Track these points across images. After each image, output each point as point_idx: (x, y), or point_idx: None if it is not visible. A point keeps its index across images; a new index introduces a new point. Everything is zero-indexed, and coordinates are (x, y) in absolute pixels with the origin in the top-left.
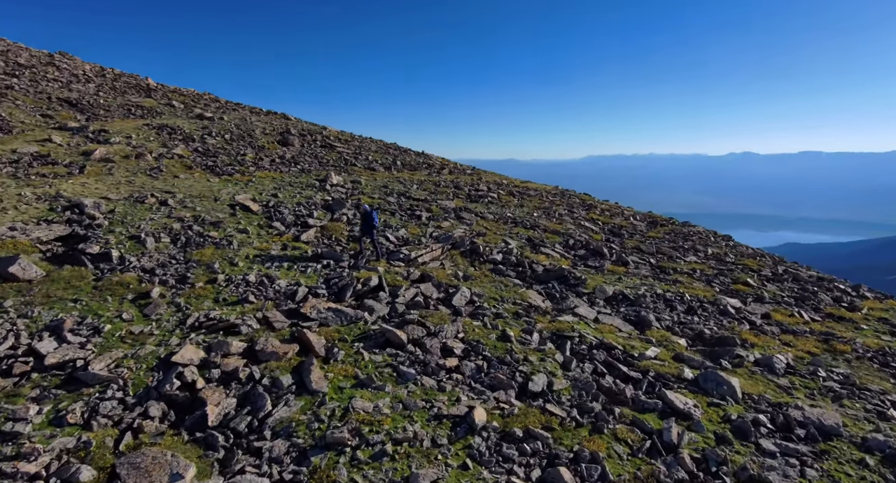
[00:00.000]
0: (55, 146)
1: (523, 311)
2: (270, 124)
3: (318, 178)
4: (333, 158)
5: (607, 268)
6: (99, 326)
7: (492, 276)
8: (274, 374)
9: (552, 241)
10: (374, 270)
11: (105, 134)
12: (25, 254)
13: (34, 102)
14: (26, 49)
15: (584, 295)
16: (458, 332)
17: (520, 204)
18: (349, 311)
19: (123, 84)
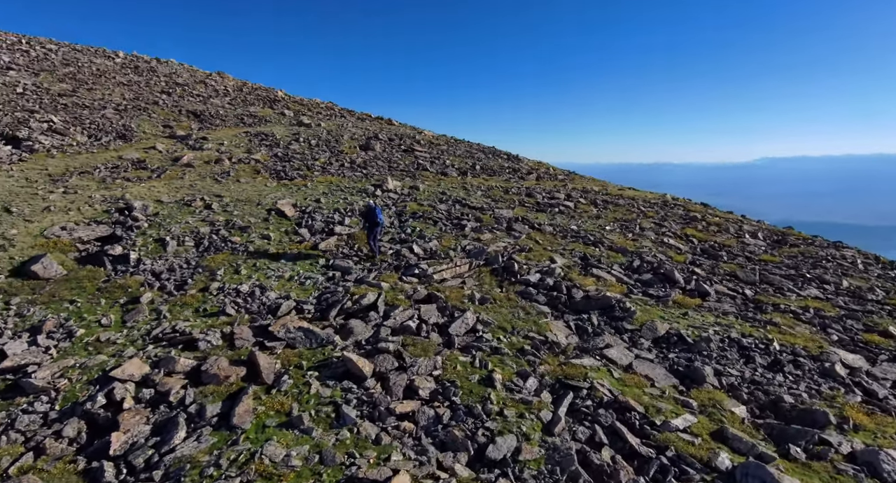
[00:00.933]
0: (155, 153)
1: (532, 348)
2: (365, 129)
3: (373, 184)
4: (406, 163)
5: (674, 298)
6: (73, 330)
7: (516, 300)
8: (204, 400)
9: (612, 261)
10: (377, 286)
11: (203, 141)
12: (62, 252)
13: (166, 115)
14: (189, 69)
15: (626, 332)
16: (434, 367)
17: (597, 215)
18: (321, 333)
19: (254, 96)
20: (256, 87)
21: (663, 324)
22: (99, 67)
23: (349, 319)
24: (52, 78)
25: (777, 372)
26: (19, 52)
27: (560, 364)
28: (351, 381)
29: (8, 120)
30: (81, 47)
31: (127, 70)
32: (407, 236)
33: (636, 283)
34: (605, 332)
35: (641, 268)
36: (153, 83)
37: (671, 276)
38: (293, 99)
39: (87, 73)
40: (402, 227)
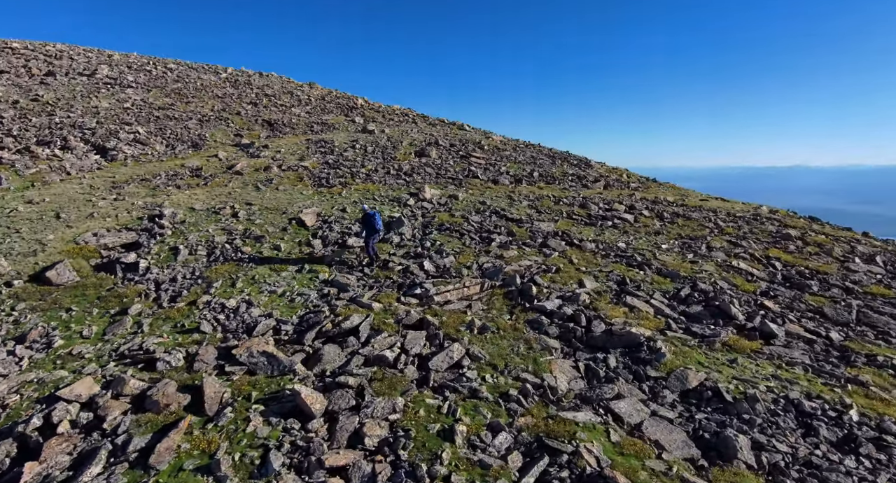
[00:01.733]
0: (215, 161)
1: (519, 393)
2: (429, 135)
3: (410, 192)
4: (457, 170)
5: (725, 339)
6: (53, 341)
7: (523, 330)
8: (136, 431)
9: (655, 288)
10: (367, 307)
11: (264, 149)
12: (84, 259)
13: (243, 124)
14: (284, 81)
15: (647, 379)
16: (393, 410)
17: (658, 230)
18: (284, 360)
19: (333, 104)
20: (338, 96)
21: (698, 372)
22: (203, 82)
23: (326, 344)
24: (160, 93)
25: (849, 453)
26: (143, 72)
27: (547, 417)
28: (297, 419)
29: (102, 132)
30: (196, 65)
31: (226, 84)
32: (424, 250)
33: (679, 316)
34: (619, 377)
35: (691, 298)
36: (244, 95)
37: (727, 309)
38: (371, 106)
39: (191, 88)
40: (423, 241)
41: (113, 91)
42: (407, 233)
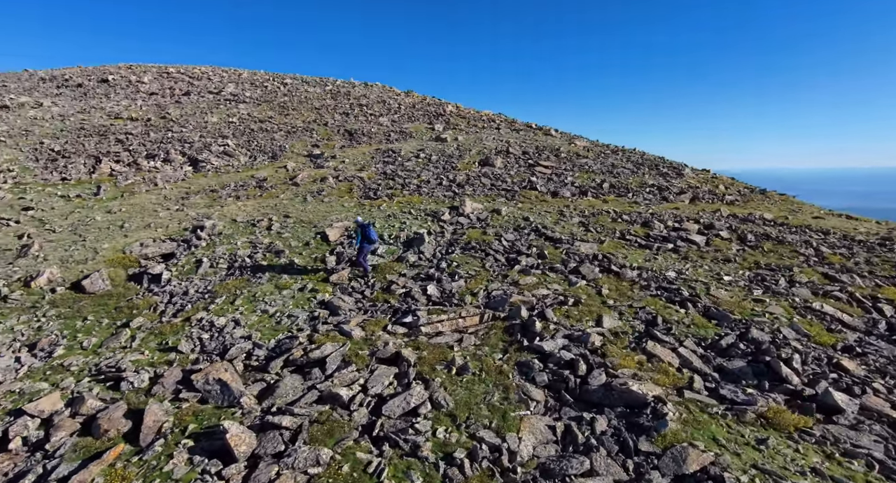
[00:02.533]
0: (283, 171)
1: (466, 457)
2: (504, 142)
3: (451, 205)
4: (517, 181)
5: (764, 408)
6: (55, 350)
7: (508, 374)
8: (68, 456)
9: (691, 332)
10: (346, 334)
11: (331, 159)
12: (124, 268)
13: (325, 134)
14: (385, 90)
15: (638, 455)
16: (316, 462)
17: (732, 256)
18: (235, 390)
19: (421, 112)
20: (429, 103)
21: (704, 453)
22: (308, 95)
23: (293, 373)
24: (266, 107)
25: None
26: (261, 88)
27: None
28: (220, 460)
29: (199, 145)
30: (310, 79)
31: (327, 96)
32: (438, 272)
33: (712, 372)
34: (602, 447)
35: (734, 348)
36: (339, 106)
37: (777, 368)
38: (460, 112)
39: (295, 101)
40: (440, 261)
41: (228, 107)
42: (427, 251)
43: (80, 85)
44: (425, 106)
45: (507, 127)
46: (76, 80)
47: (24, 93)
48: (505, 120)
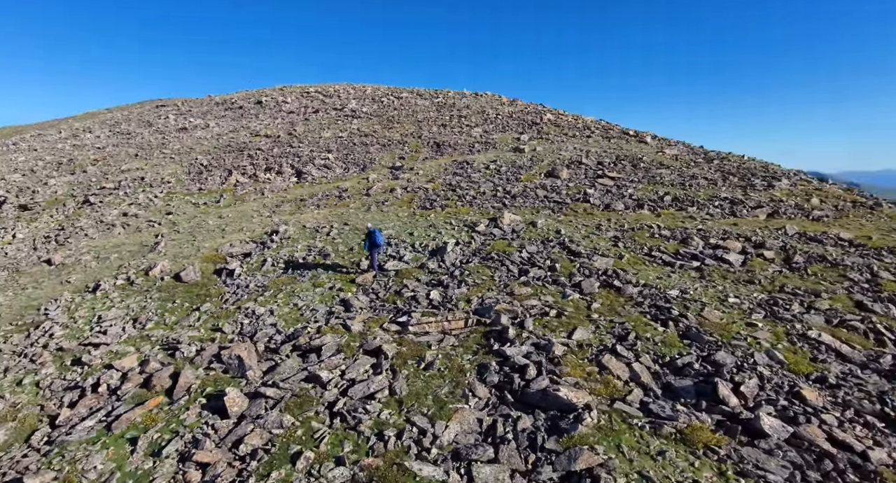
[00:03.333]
0: (364, 183)
1: (395, 437)
2: (584, 152)
3: (490, 217)
4: (572, 193)
5: (683, 425)
6: (146, 324)
7: (465, 373)
8: (126, 400)
9: (655, 349)
10: (346, 328)
11: (409, 171)
12: (213, 263)
13: (415, 146)
14: (493, 99)
15: (542, 451)
16: (280, 425)
17: (757, 279)
18: (247, 364)
19: (516, 121)
20: (530, 112)
21: (597, 456)
22: (415, 108)
23: (298, 355)
24: (374, 122)
25: None
26: (378, 103)
27: (395, 463)
28: (219, 416)
29: (306, 158)
30: (424, 91)
31: (432, 108)
32: (450, 279)
33: (657, 389)
34: (514, 442)
35: (688, 368)
36: (440, 118)
37: (717, 390)
38: (557, 120)
39: (402, 114)
40: (456, 270)
41: (343, 123)
42: (448, 260)
43: (240, 107)
44: (524, 115)
45: (601, 134)
46: (239, 103)
47: (200, 116)
48: (602, 126)
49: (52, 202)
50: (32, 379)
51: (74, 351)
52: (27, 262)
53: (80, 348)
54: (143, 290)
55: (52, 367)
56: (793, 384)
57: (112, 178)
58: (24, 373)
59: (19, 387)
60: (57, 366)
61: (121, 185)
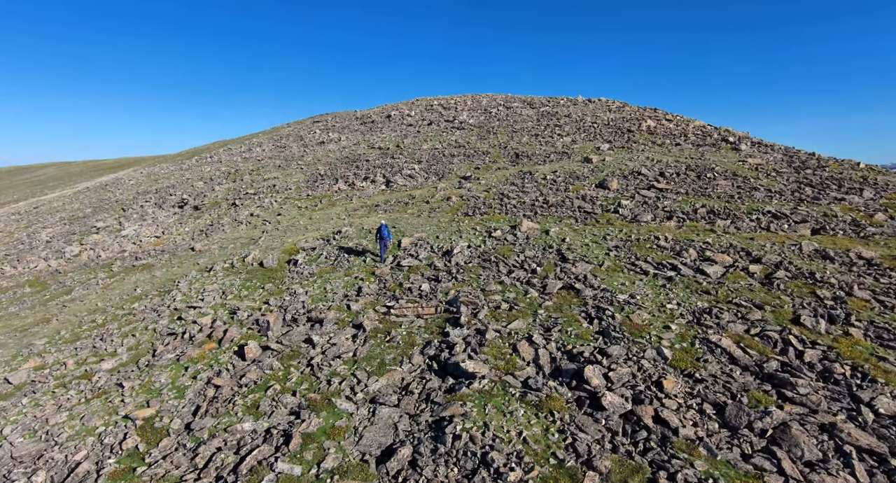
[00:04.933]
0: (432, 191)
1: (336, 383)
2: (652, 161)
3: (511, 224)
4: (606, 204)
5: (544, 396)
6: (226, 296)
7: (412, 346)
8: (194, 344)
9: (568, 340)
10: (347, 308)
11: (474, 181)
12: (288, 254)
13: (496, 156)
14: (603, 105)
15: (429, 402)
16: (269, 369)
17: (713, 290)
18: (269, 327)
19: (611, 128)
20: (630, 118)
21: (463, 408)
22: (517, 118)
23: (308, 324)
24: (472, 133)
25: None
26: (484, 114)
27: (327, 399)
28: (241, 358)
29: (397, 168)
30: (535, 100)
31: (534, 117)
32: (447, 275)
33: (550, 369)
34: (415, 393)
35: (580, 356)
36: (536, 127)
37: (584, 373)
38: (658, 126)
39: (503, 124)
40: (455, 268)
41: (446, 134)
42: (454, 260)
43: (372, 121)
44: (623, 122)
45: (693, 141)
46: (372, 118)
47: (338, 131)
48: (702, 132)
49: (213, 204)
50: (154, 326)
51: (182, 311)
52: (181, 248)
53: (185, 309)
54: (237, 271)
55: (165, 320)
56: (662, 375)
57: (255, 185)
58: (150, 322)
59: (146, 330)
60: (169, 319)
61: (258, 191)
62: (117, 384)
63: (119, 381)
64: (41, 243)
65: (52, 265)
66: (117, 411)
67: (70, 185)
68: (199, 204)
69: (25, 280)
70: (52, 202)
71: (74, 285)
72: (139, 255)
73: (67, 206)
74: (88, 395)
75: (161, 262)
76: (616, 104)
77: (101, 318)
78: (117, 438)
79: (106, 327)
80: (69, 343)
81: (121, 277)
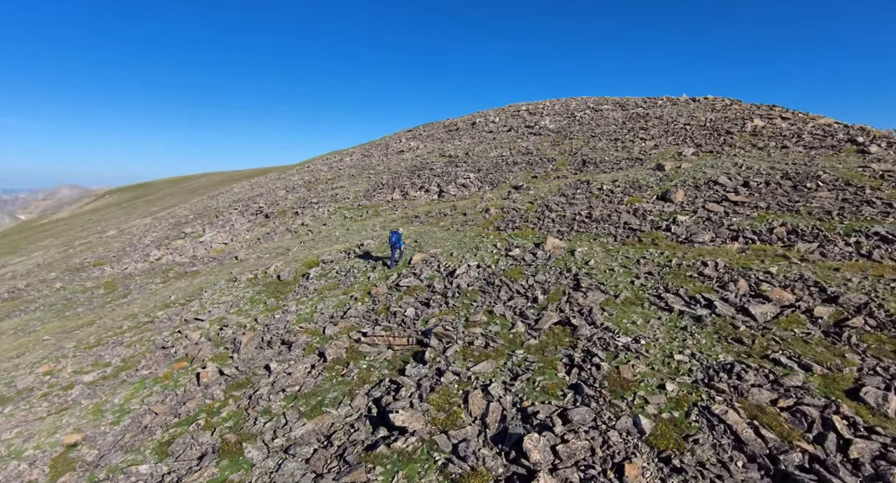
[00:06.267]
0: (476, 201)
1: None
2: (737, 168)
3: (535, 242)
4: (654, 221)
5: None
6: (248, 309)
7: (366, 381)
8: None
9: (531, 394)
10: (322, 331)
11: (524, 191)
12: (307, 267)
13: (561, 163)
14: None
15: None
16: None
17: (750, 340)
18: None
19: (706, 130)
20: (734, 118)
21: (363, 474)
22: (600, 122)
23: (283, 347)
24: (545, 139)
25: None
26: (567, 118)
27: (240, 442)
28: (197, 380)
29: (449, 178)
30: (628, 101)
31: (620, 120)
32: (442, 299)
33: (488, 430)
34: (333, 447)
35: (533, 417)
36: (618, 131)
37: (522, 443)
38: (762, 128)
39: (582, 129)
40: (451, 291)
41: (518, 142)
42: (456, 282)
43: (457, 129)
44: (723, 123)
45: (807, 144)
46: (457, 125)
47: (421, 139)
48: (822, 132)
49: (280, 212)
50: (156, 338)
51: (189, 322)
52: (230, 256)
53: (191, 321)
54: (255, 283)
55: (167, 332)
56: (629, 456)
57: (322, 194)
58: (156, 333)
59: (146, 342)
60: (170, 332)
61: (321, 200)
62: (81, 400)
63: (86, 397)
64: (142, 247)
65: (138, 268)
66: (56, 432)
67: (207, 193)
68: (269, 212)
69: (104, 282)
70: (180, 209)
71: (133, 290)
72: (195, 262)
73: (177, 212)
74: (54, 409)
75: (207, 269)
76: (723, 103)
77: (127, 325)
78: (27, 468)
79: (124, 335)
80: (88, 349)
81: (169, 284)
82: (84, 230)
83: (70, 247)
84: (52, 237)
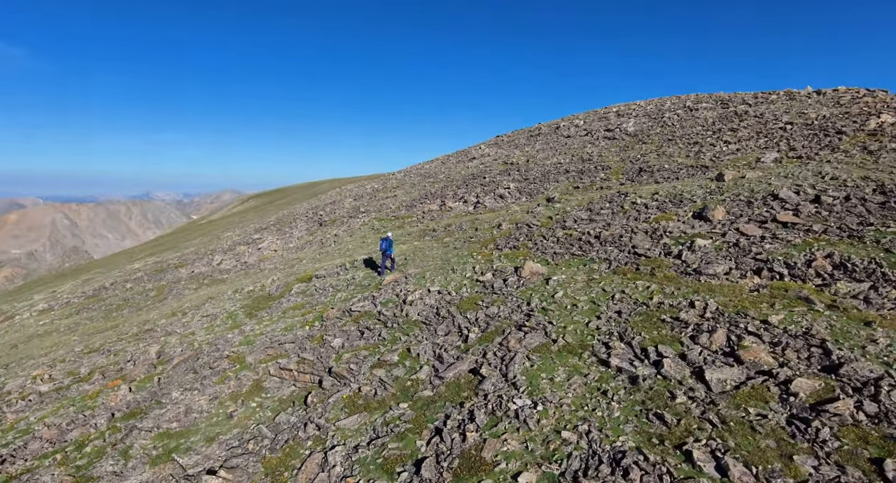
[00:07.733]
0: (503, 215)
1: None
2: (814, 177)
3: (515, 265)
4: (664, 246)
5: None
6: (240, 324)
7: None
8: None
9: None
10: (243, 361)
11: (550, 204)
12: (301, 282)
13: (615, 172)
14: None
15: None
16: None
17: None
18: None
19: (813, 130)
20: (856, 114)
21: None
22: (687, 123)
23: (206, 370)
24: (616, 144)
25: None
26: (652, 120)
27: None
28: (105, 405)
29: (493, 186)
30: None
31: (710, 120)
32: (381, 328)
33: None
34: None
35: None
36: (704, 132)
37: None
38: (887, 126)
39: (662, 132)
40: (395, 321)
41: (589, 147)
42: (405, 310)
43: (538, 134)
44: (838, 120)
45: None
46: (540, 130)
47: (498, 146)
48: None
49: (332, 221)
50: (130, 349)
51: (171, 335)
52: (256, 267)
53: (174, 333)
54: (246, 297)
55: (143, 344)
56: None
57: (372, 204)
58: (140, 343)
59: (120, 353)
60: (144, 344)
61: (368, 210)
62: (9, 415)
63: (20, 411)
64: (220, 250)
65: (202, 271)
66: None
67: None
68: (325, 221)
69: (158, 285)
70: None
71: (170, 295)
72: (237, 269)
73: (270, 218)
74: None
75: (232, 277)
76: (852, 95)
77: (132, 332)
78: None
79: (118, 344)
80: (83, 355)
81: (199, 290)
82: (227, 229)
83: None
84: (202, 236)
